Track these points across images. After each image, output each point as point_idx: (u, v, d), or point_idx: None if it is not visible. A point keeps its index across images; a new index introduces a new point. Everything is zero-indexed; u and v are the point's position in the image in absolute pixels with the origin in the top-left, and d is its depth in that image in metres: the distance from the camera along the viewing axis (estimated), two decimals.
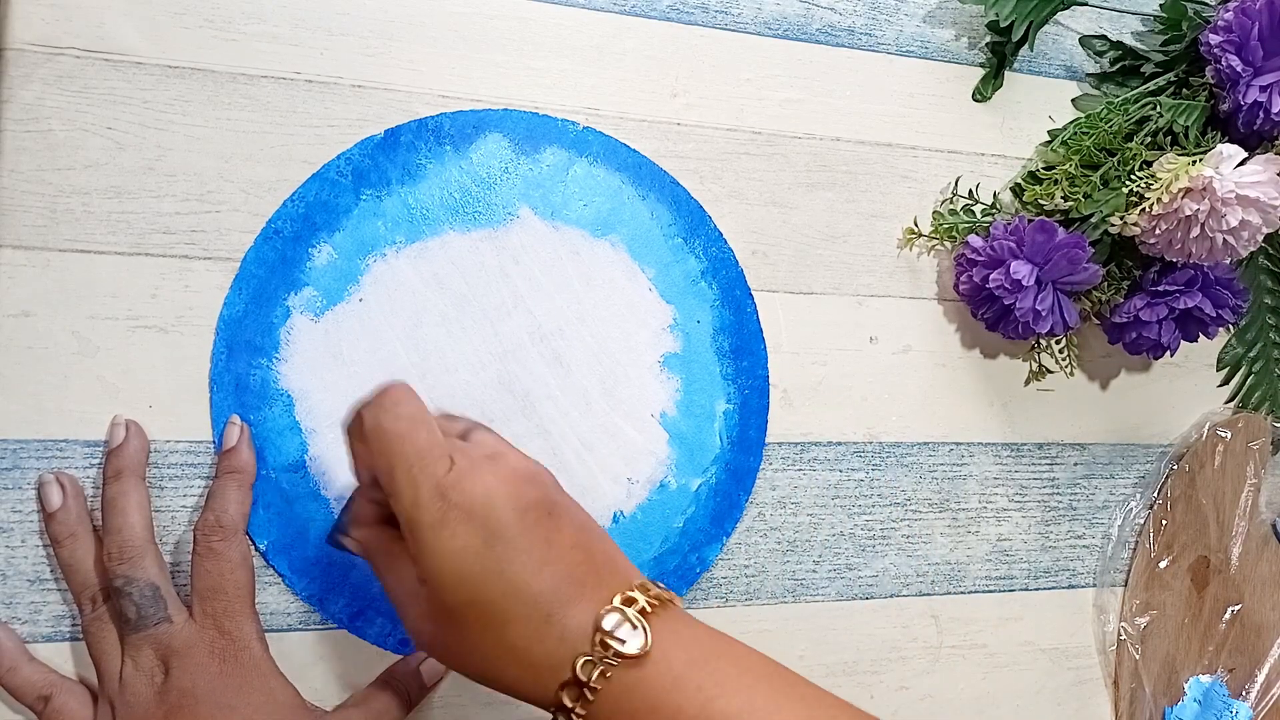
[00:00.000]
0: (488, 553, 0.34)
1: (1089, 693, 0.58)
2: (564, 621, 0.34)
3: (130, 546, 0.40)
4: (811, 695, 0.35)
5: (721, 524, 0.50)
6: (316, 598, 0.45)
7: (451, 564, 0.34)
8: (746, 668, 0.35)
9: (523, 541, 0.34)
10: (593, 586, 0.35)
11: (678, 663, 0.34)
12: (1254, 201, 0.49)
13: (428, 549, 0.34)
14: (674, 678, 0.34)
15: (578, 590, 0.35)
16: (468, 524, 0.34)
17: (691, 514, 0.50)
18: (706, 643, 0.36)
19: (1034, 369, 0.57)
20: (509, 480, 0.35)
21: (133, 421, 0.42)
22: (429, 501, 0.34)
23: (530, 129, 0.49)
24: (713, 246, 0.51)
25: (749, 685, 0.34)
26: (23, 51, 0.42)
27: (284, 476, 0.44)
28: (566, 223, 0.49)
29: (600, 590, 0.35)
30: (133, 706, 0.39)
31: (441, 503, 0.34)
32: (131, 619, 0.40)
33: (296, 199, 0.45)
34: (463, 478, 0.34)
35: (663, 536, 0.49)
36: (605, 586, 0.35)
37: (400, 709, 0.44)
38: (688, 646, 0.35)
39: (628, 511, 0.49)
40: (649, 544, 0.49)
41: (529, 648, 0.34)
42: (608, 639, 0.33)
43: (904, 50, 0.55)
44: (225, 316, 0.44)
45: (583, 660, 0.33)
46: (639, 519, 0.49)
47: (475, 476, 0.34)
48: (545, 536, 0.35)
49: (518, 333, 0.48)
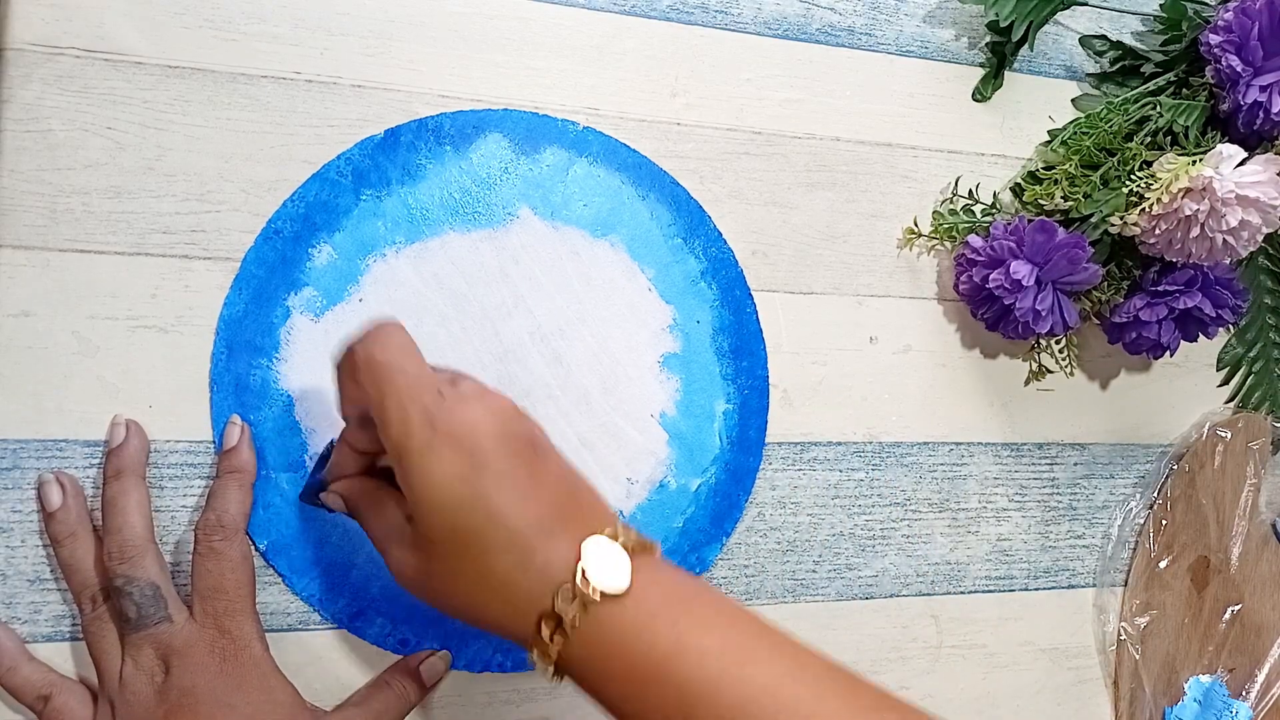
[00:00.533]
0: (474, 479, 0.34)
1: (1089, 693, 0.58)
2: (546, 554, 0.34)
3: (131, 546, 0.40)
4: (783, 641, 0.35)
5: (721, 524, 0.50)
6: (316, 598, 0.45)
7: (437, 491, 0.34)
8: (721, 610, 0.35)
9: (508, 471, 0.35)
10: (575, 522, 0.35)
11: (654, 600, 0.34)
12: (1254, 201, 0.49)
13: (416, 474, 0.34)
14: (650, 614, 0.34)
15: (560, 524, 0.35)
16: (455, 450, 0.34)
17: (691, 514, 0.50)
18: (684, 584, 0.36)
19: (1034, 369, 0.57)
20: (496, 414, 0.36)
21: (133, 421, 0.42)
22: (418, 429, 0.34)
23: (530, 129, 0.49)
24: (712, 247, 0.51)
25: (723, 626, 0.35)
26: (23, 51, 0.42)
27: (284, 476, 0.44)
28: (566, 223, 0.49)
29: (582, 527, 0.35)
30: (132, 705, 0.39)
31: (430, 430, 0.34)
32: (132, 618, 0.40)
33: (296, 199, 0.45)
34: (453, 407, 0.35)
35: (662, 536, 0.49)
36: (586, 524, 0.35)
37: (399, 709, 0.44)
38: (665, 587, 0.35)
39: (627, 511, 0.49)
40: None
41: (510, 578, 0.34)
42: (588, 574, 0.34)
43: (904, 50, 0.56)
44: (225, 316, 0.44)
45: (562, 589, 0.34)
46: (638, 519, 0.49)
47: (464, 407, 0.35)
48: (530, 469, 0.35)
49: (518, 333, 0.48)
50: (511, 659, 0.47)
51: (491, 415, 0.35)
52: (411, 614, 0.46)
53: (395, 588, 0.45)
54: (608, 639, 0.34)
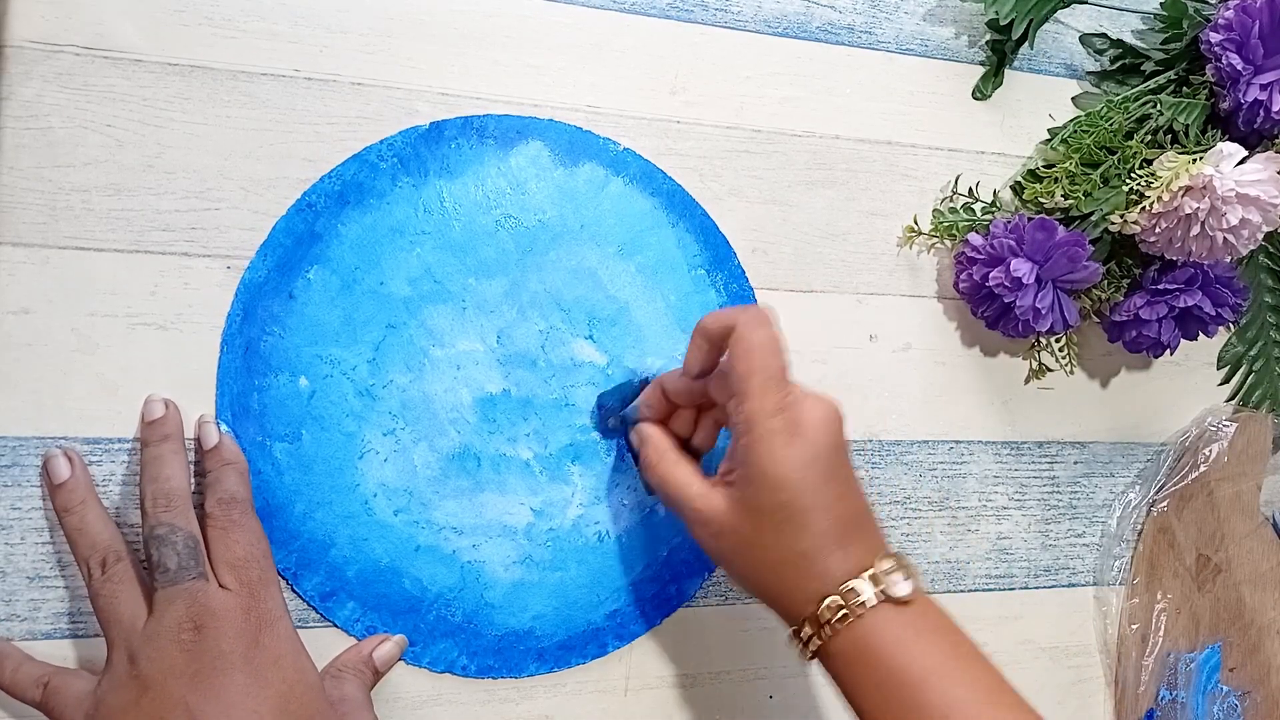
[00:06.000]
0: (813, 467, 0.39)
1: (1089, 691, 0.58)
2: (842, 553, 0.40)
3: (176, 495, 0.40)
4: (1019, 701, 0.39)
5: (705, 559, 0.50)
6: (291, 571, 0.44)
7: (781, 466, 0.39)
8: (973, 650, 0.40)
9: (836, 472, 0.40)
10: (862, 536, 0.41)
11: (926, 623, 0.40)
12: (1254, 200, 0.49)
13: (764, 447, 0.39)
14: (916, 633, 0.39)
15: (856, 534, 0.40)
16: (801, 438, 0.39)
17: (676, 544, 0.50)
18: (946, 618, 0.41)
19: (1034, 367, 0.57)
20: (836, 419, 0.41)
21: (169, 400, 0.43)
22: (775, 410, 0.39)
23: (572, 142, 0.49)
24: (734, 283, 0.51)
25: (974, 666, 0.39)
26: (22, 49, 0.42)
27: (278, 446, 0.44)
28: (594, 238, 0.49)
29: (866, 541, 0.41)
30: (155, 660, 0.38)
31: (784, 415, 0.39)
32: (171, 569, 0.39)
33: (334, 176, 0.46)
34: (802, 400, 0.40)
35: (645, 563, 0.49)
36: (872, 542, 0.41)
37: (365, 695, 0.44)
38: (932, 617, 0.40)
39: (613, 533, 0.49)
40: (630, 568, 0.49)
41: (809, 563, 0.40)
42: (881, 578, 0.39)
43: (904, 48, 0.55)
44: (247, 280, 0.44)
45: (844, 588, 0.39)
46: (624, 541, 0.49)
47: (813, 403, 0.41)
48: (847, 475, 0.41)
49: (530, 334, 0.48)
50: (476, 664, 0.47)
51: (833, 418, 0.41)
52: (383, 602, 0.46)
53: (371, 572, 0.45)
54: (873, 642, 0.39)
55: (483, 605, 0.47)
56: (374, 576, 0.45)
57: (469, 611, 0.47)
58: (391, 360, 0.46)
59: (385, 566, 0.45)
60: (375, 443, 0.45)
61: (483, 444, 0.47)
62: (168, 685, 0.37)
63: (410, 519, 0.46)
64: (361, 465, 0.45)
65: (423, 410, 0.46)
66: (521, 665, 0.47)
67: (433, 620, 0.46)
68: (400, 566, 0.46)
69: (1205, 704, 0.59)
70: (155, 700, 0.37)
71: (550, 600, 0.48)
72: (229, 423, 0.44)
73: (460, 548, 0.46)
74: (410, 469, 0.46)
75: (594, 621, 0.48)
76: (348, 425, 0.45)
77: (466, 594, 0.46)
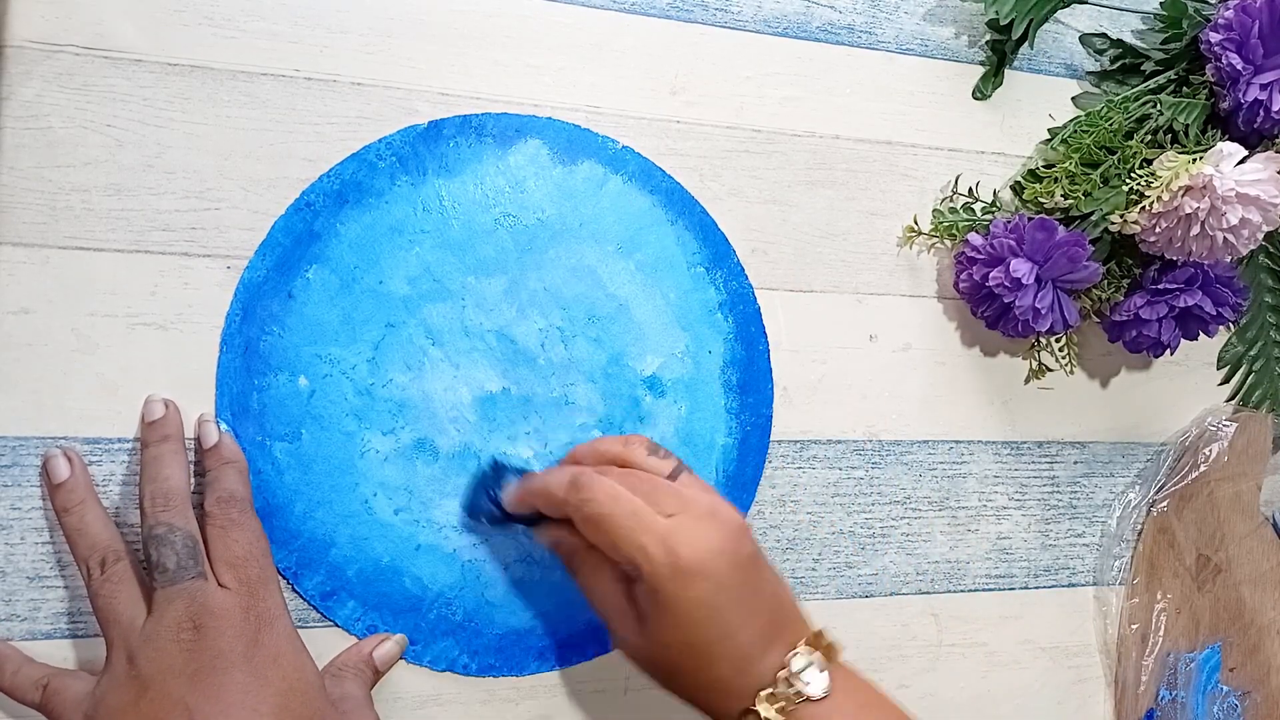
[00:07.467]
0: (714, 601, 0.38)
1: (1089, 691, 0.58)
2: (761, 663, 0.39)
3: (175, 495, 0.40)
4: None
5: None
6: (291, 571, 0.44)
7: (681, 611, 0.38)
8: None
9: (740, 593, 0.39)
10: (786, 631, 0.40)
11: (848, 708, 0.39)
12: (1254, 199, 0.49)
13: (669, 599, 0.38)
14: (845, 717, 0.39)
15: (775, 634, 0.40)
16: (700, 578, 0.38)
17: None
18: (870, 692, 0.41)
19: (1034, 367, 0.57)
20: (731, 537, 0.40)
21: (170, 400, 0.43)
22: (660, 561, 0.38)
23: (570, 140, 0.49)
24: (733, 280, 0.51)
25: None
26: (22, 49, 0.42)
27: (278, 445, 0.44)
28: (593, 236, 0.49)
29: (786, 636, 0.40)
30: (154, 660, 0.38)
31: (672, 558, 0.38)
32: (170, 568, 0.39)
33: (333, 175, 0.46)
34: (688, 530, 0.39)
35: None
36: (791, 633, 0.40)
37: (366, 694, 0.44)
38: (856, 696, 0.40)
39: None
40: None
41: (727, 681, 0.39)
42: (794, 680, 0.39)
43: (904, 48, 0.55)
44: (246, 280, 0.44)
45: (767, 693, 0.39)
46: None
47: (699, 529, 0.39)
48: (754, 587, 0.40)
49: (529, 338, 0.48)
50: (477, 662, 0.47)
51: (727, 540, 0.39)
52: (383, 601, 0.46)
53: (371, 571, 0.45)
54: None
55: (483, 604, 0.47)
56: (374, 575, 0.45)
57: (470, 610, 0.47)
58: (391, 359, 0.46)
59: (386, 565, 0.46)
60: (375, 442, 0.46)
61: (483, 442, 0.47)
62: (167, 685, 0.37)
63: (411, 518, 0.46)
64: (361, 464, 0.45)
65: (423, 409, 0.46)
66: (523, 664, 0.47)
67: (433, 619, 0.46)
68: (401, 565, 0.46)
69: (1205, 704, 0.59)
70: (154, 700, 0.37)
71: (551, 599, 0.48)
72: (229, 422, 0.44)
73: (461, 546, 0.46)
74: (410, 468, 0.46)
75: (595, 620, 0.48)
76: (347, 424, 0.45)
77: (467, 593, 0.46)
